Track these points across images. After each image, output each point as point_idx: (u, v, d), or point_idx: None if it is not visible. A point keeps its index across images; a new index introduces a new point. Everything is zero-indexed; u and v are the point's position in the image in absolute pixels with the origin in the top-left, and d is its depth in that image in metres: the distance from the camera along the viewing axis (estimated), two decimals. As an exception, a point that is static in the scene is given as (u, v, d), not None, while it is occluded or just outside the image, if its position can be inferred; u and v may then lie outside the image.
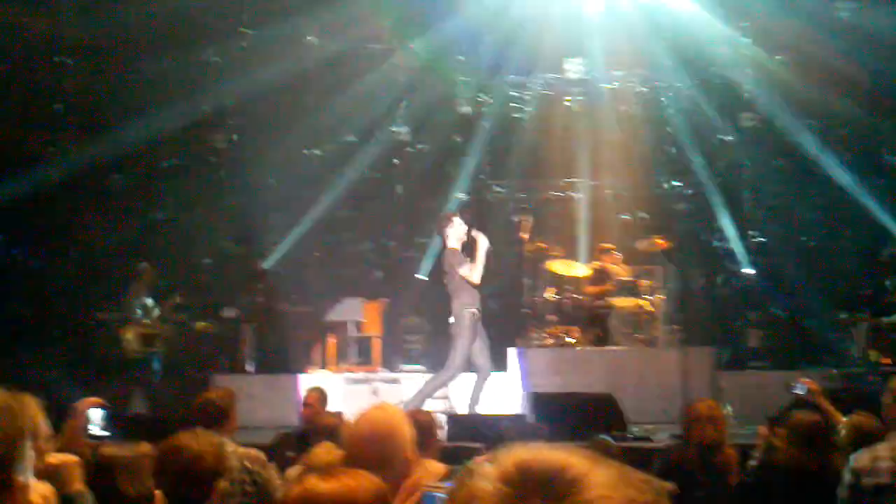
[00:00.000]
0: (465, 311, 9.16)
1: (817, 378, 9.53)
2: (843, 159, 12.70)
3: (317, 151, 13.64)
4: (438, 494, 3.26)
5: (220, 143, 13.50)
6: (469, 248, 9.36)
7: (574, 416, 7.43)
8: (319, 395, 7.31)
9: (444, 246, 9.58)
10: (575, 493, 1.28)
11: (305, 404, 7.28)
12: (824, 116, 12.90)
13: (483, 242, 9.27)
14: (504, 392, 10.53)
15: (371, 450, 3.32)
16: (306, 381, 10.06)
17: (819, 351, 11.64)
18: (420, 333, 12.60)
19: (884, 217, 12.21)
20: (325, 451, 4.31)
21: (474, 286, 9.20)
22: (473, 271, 9.17)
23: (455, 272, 9.21)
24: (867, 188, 12.41)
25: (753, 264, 12.54)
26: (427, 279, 12.84)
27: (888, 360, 10.78)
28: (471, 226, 9.55)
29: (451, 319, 9.34)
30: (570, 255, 12.21)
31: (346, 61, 13.39)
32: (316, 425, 6.11)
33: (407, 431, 3.48)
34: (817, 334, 11.96)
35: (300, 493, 2.34)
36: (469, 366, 9.35)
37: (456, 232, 9.40)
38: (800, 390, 6.22)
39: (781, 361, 11.42)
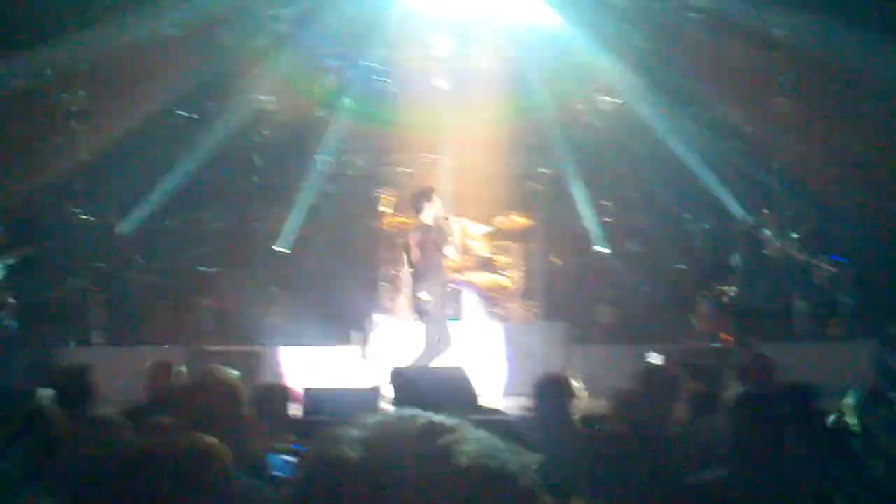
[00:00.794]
0: (437, 289, 9.44)
1: (663, 353, 9.98)
2: (695, 141, 13.18)
3: (177, 113, 13.21)
4: (286, 457, 3.25)
5: (71, 104, 12.89)
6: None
7: (426, 390, 7.46)
8: (165, 369, 7.09)
9: (420, 222, 9.63)
10: (443, 458, 1.24)
11: (150, 378, 7.04)
12: (683, 101, 13.32)
13: (457, 224, 9.62)
14: (361, 366, 10.53)
15: (206, 413, 3.32)
16: (156, 355, 9.75)
17: (667, 327, 12.03)
18: (277, 305, 12.44)
19: (729, 198, 12.76)
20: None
21: (452, 264, 9.32)
22: (455, 250, 9.45)
23: (431, 249, 9.33)
24: (716, 170, 12.93)
25: (608, 243, 12.85)
26: (288, 251, 12.67)
27: (729, 338, 11.26)
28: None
29: (425, 295, 9.42)
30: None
31: (205, 24, 12.98)
32: (160, 399, 5.95)
33: (241, 396, 3.51)
34: (666, 311, 12.37)
35: (128, 453, 2.27)
36: (448, 342, 9.56)
37: (434, 209, 9.51)
38: (654, 361, 6.47)
39: (632, 337, 11.76)
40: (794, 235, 11.39)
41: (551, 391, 5.35)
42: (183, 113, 13.24)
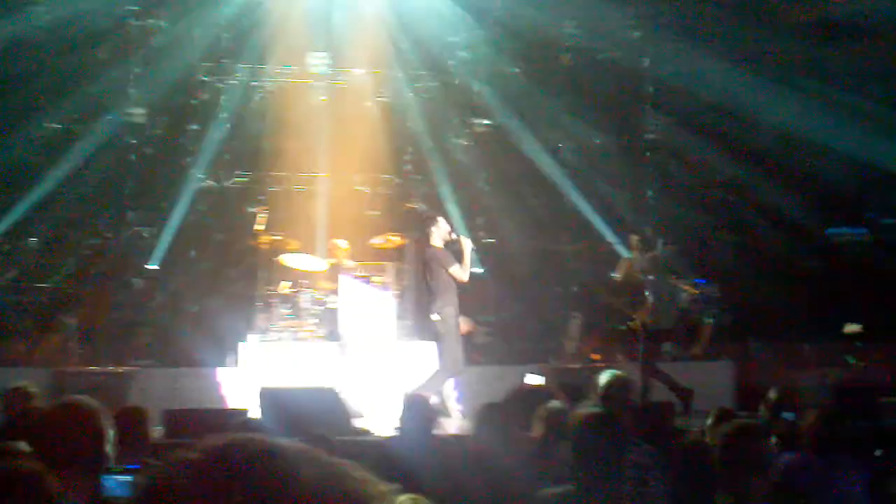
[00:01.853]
0: (449, 310, 9.45)
1: (538, 372, 10.17)
2: (569, 167, 13.56)
3: (44, 126, 12.80)
4: (121, 477, 3.18)
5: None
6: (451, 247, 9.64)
7: (297, 410, 7.41)
8: (23, 392, 6.82)
9: (428, 245, 9.70)
10: (282, 484, 1.20)
11: (6, 403, 6.76)
12: (553, 126, 13.69)
13: (467, 243, 9.64)
14: (233, 387, 10.36)
15: (59, 443, 3.23)
16: (17, 376, 9.39)
17: (539, 347, 12.24)
18: (150, 326, 12.14)
19: (598, 219, 13.17)
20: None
21: (459, 285, 9.45)
22: (464, 270, 9.46)
23: (441, 271, 9.40)
24: (587, 193, 13.31)
25: (483, 264, 13.01)
26: (158, 268, 12.40)
27: (598, 356, 11.55)
28: (453, 227, 9.89)
29: (435, 317, 9.52)
30: (306, 249, 12.16)
31: (76, 31, 12.65)
32: (18, 424, 5.71)
33: (102, 428, 3.40)
34: (538, 331, 12.59)
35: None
36: (462, 363, 9.55)
37: (440, 231, 9.61)
38: (533, 381, 6.59)
39: (505, 357, 11.92)
40: (660, 257, 11.74)
41: (414, 411, 5.40)
42: (51, 125, 12.85)
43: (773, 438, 6.25)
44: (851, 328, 12.05)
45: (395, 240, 12.19)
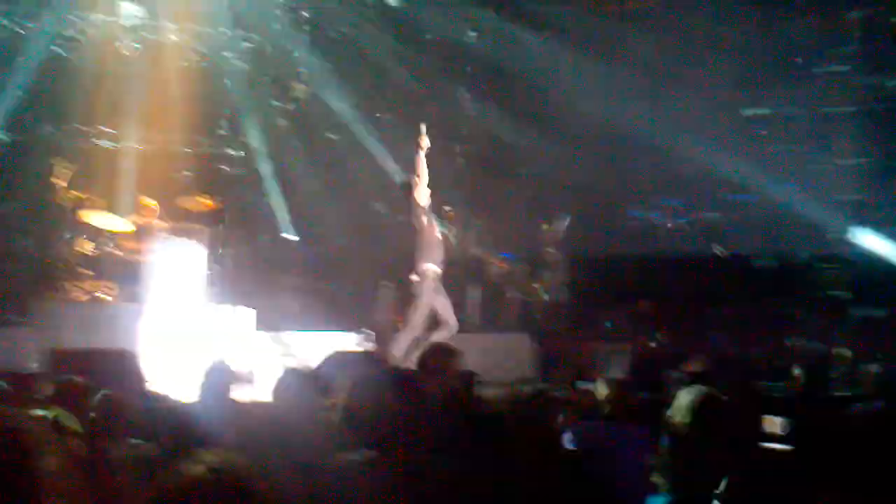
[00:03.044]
0: (429, 270, 9.30)
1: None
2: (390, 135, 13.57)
3: None
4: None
5: None
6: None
7: (88, 371, 7.11)
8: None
9: (414, 204, 9.47)
10: None
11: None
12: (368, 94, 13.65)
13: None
14: (28, 348, 9.86)
15: None
16: None
17: (352, 316, 12.25)
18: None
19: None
20: None
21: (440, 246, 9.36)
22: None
23: (426, 229, 9.30)
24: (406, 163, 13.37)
25: (296, 230, 12.90)
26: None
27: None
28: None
29: (414, 277, 9.31)
30: (112, 207, 11.66)
31: None
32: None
33: None
34: (351, 300, 12.60)
35: None
36: (430, 323, 9.37)
37: (424, 191, 9.45)
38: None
39: (317, 325, 11.86)
40: (471, 231, 11.98)
41: (213, 376, 5.32)
42: None
43: (568, 407, 6.54)
44: (644, 306, 12.69)
45: (206, 202, 11.87)
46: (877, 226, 12.51)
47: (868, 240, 12.42)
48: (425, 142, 9.61)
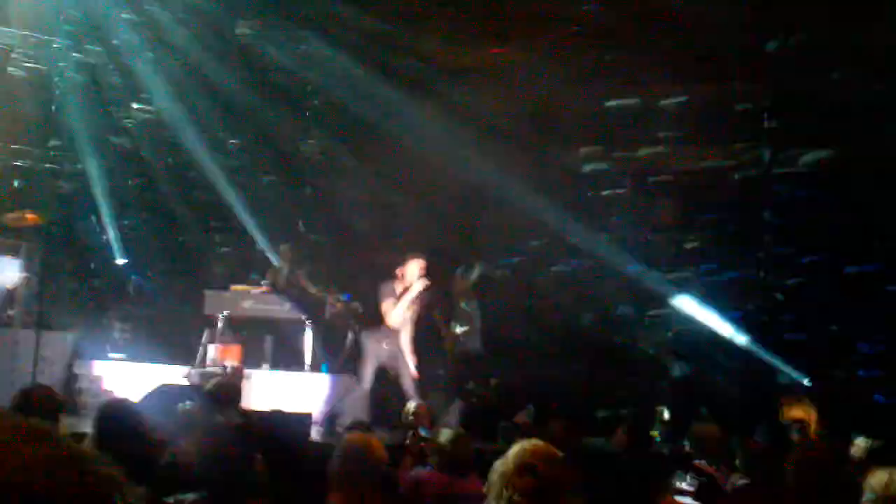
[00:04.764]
0: None
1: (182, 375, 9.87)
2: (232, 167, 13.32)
3: None
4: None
5: None
6: None
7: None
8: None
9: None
10: None
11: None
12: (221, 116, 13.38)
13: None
14: None
15: None
16: None
17: (174, 347, 11.82)
18: None
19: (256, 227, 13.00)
20: None
21: None
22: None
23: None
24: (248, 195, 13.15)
25: (127, 255, 12.41)
26: None
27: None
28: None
29: None
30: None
31: None
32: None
33: None
34: (174, 331, 12.18)
35: None
36: None
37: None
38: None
39: (140, 354, 11.39)
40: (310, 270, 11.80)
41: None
42: None
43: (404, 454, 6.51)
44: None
45: (32, 217, 11.20)
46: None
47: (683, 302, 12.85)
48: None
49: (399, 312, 9.59)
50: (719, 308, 12.25)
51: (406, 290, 9.85)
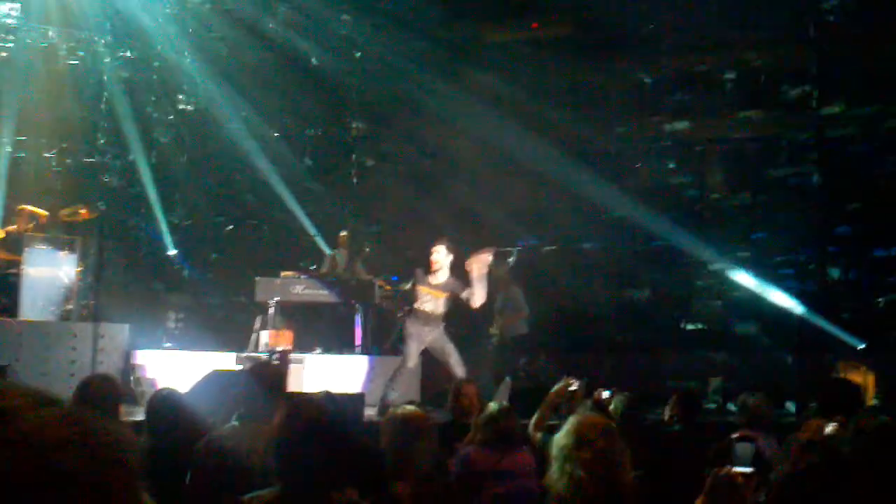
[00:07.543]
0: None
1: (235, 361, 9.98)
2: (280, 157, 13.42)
3: None
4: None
5: None
6: None
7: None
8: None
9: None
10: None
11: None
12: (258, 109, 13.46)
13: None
14: None
15: None
16: None
17: (227, 335, 11.97)
18: None
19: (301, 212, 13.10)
20: None
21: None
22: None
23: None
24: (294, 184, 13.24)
25: (178, 246, 12.57)
26: None
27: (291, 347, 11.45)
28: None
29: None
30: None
31: None
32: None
33: None
34: (226, 319, 12.33)
35: None
36: None
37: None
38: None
39: (193, 343, 11.56)
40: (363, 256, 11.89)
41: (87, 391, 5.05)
42: None
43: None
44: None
45: (85, 212, 11.43)
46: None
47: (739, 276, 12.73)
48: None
49: (481, 294, 9.50)
50: (773, 278, 12.13)
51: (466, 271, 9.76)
